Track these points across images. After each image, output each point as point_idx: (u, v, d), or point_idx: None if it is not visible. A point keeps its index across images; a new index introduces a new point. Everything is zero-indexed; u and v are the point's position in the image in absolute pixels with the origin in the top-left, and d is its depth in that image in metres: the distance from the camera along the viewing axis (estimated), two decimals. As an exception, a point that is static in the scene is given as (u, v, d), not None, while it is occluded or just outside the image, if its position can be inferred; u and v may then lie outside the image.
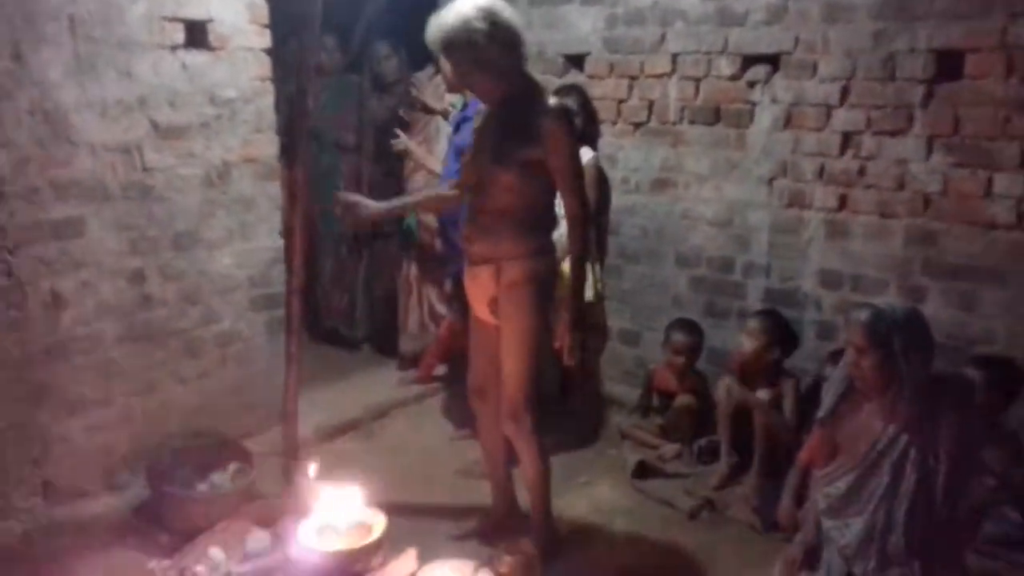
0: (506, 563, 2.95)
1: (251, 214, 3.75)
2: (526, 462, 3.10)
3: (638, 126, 4.36)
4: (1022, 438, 3.15)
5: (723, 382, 3.73)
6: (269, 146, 3.77)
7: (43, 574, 2.90)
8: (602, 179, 4.29)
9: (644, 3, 4.20)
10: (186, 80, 3.40)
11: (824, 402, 2.77)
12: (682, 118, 4.19)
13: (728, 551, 3.28)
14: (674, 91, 4.19)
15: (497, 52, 2.78)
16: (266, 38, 3.64)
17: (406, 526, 3.05)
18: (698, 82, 4.09)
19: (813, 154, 3.78)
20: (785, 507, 3.23)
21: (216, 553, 2.85)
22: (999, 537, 3.00)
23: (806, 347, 3.82)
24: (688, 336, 4.00)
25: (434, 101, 4.45)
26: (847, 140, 3.68)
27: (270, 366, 3.81)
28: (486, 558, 2.94)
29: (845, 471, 2.65)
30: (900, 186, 3.56)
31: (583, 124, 4.24)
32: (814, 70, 3.70)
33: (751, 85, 3.92)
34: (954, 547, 2.59)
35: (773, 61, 3.84)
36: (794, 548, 2.82)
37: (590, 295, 4.26)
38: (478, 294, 3.04)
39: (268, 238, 3.83)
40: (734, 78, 3.96)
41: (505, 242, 2.91)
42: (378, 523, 2.71)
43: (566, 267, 4.19)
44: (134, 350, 3.41)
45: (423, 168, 4.47)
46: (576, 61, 4.52)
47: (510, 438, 3.10)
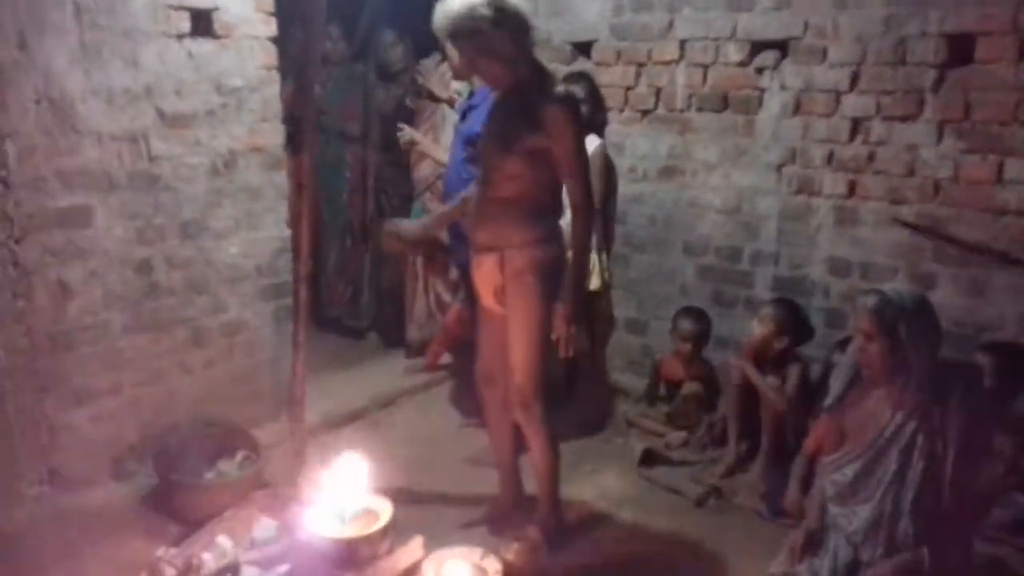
0: (512, 550, 2.95)
1: (258, 203, 3.74)
2: (535, 450, 3.10)
3: (645, 113, 4.33)
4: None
5: (733, 362, 3.73)
6: (275, 135, 3.76)
7: (50, 562, 2.91)
8: (608, 167, 4.28)
9: (651, -11, 4.18)
10: (192, 69, 3.39)
11: (832, 389, 2.76)
12: (690, 105, 4.16)
13: (735, 538, 3.28)
14: (682, 78, 4.16)
15: (503, 39, 2.76)
16: (272, 26, 3.63)
17: (413, 514, 3.05)
18: (706, 68, 4.07)
19: (822, 140, 3.76)
20: (792, 494, 3.23)
21: (223, 541, 2.85)
22: (1007, 523, 2.99)
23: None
24: (695, 324, 3.99)
25: (440, 89, 4.43)
26: (857, 126, 3.65)
27: (277, 355, 3.82)
28: (492, 546, 2.94)
29: (852, 458, 2.64)
30: (910, 172, 3.54)
31: (590, 112, 4.23)
32: (824, 55, 3.67)
33: (760, 71, 3.90)
34: (962, 533, 2.58)
35: (782, 47, 3.81)
36: (797, 534, 2.81)
37: (597, 284, 4.26)
38: (484, 283, 3.03)
39: (275, 227, 3.82)
40: (743, 64, 3.93)
41: (510, 230, 2.90)
42: (385, 510, 2.70)
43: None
44: (141, 339, 3.41)
45: (429, 157, 4.46)
46: (583, 48, 4.50)
47: (520, 426, 3.10)
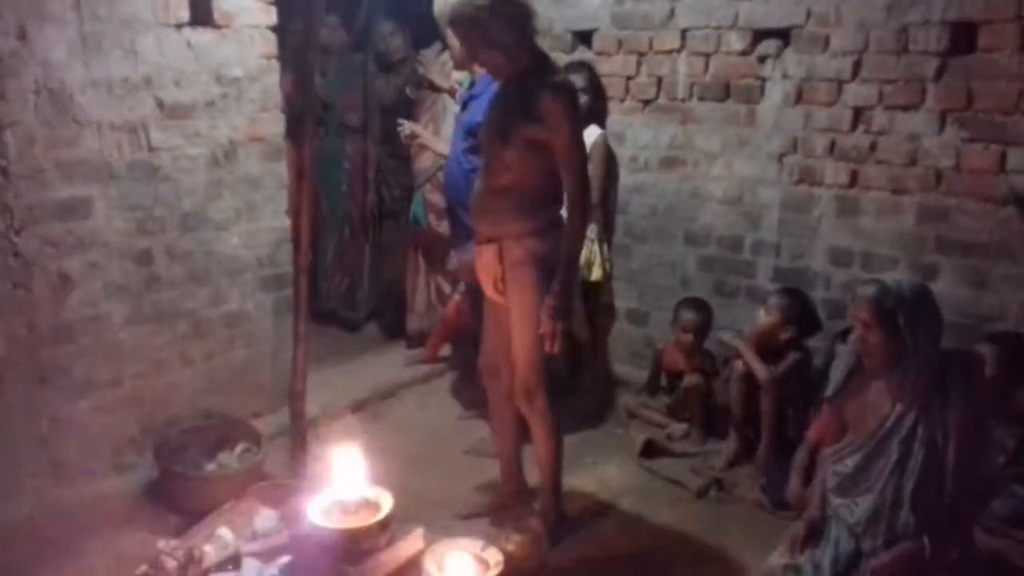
0: (514, 541, 2.94)
1: (258, 194, 3.73)
2: (538, 440, 3.10)
3: (647, 103, 4.31)
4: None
5: (729, 340, 3.74)
6: (275, 125, 3.75)
7: (51, 554, 2.91)
8: (610, 157, 4.27)
9: (653, -22, 4.15)
10: (191, 58, 3.38)
11: (832, 380, 2.75)
12: (691, 94, 4.14)
13: (736, 530, 3.28)
14: (683, 67, 4.14)
15: (502, 27, 2.74)
16: (272, 15, 3.61)
17: (413, 505, 3.04)
18: (708, 58, 4.04)
19: (824, 130, 3.74)
20: (794, 485, 3.22)
21: (224, 533, 2.85)
22: (1007, 514, 2.99)
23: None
24: (697, 314, 3.98)
25: (441, 79, 4.41)
26: (858, 115, 3.63)
27: (277, 346, 3.82)
28: (494, 537, 2.94)
29: (853, 449, 2.63)
30: (912, 162, 3.52)
31: (591, 101, 4.21)
32: (826, 44, 3.65)
33: (761, 60, 3.87)
34: (963, 524, 2.57)
35: (784, 35, 3.78)
36: (798, 525, 2.81)
37: (598, 274, 4.25)
38: (484, 273, 3.02)
39: (275, 218, 3.81)
40: (744, 53, 3.91)
41: (508, 221, 2.89)
42: (385, 502, 2.70)
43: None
44: (141, 331, 3.41)
45: (430, 149, 4.44)
46: (584, 37, 4.47)
47: (524, 416, 3.10)
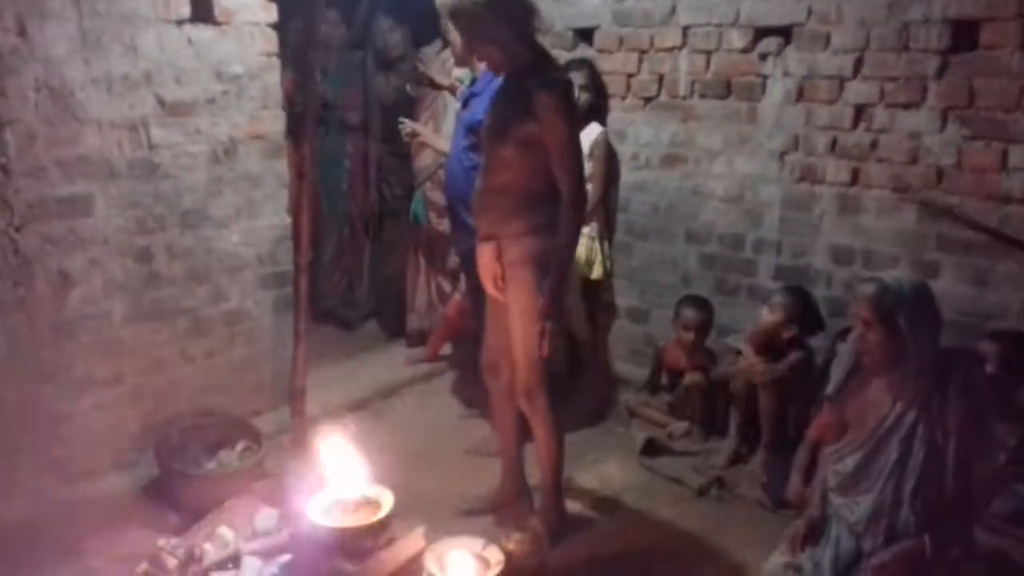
0: (514, 540, 2.94)
1: (258, 191, 3.73)
2: (539, 439, 3.10)
3: (648, 101, 4.31)
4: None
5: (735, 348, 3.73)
6: (276, 123, 3.74)
7: (51, 553, 2.91)
8: (611, 155, 4.26)
9: (654, -25, 4.14)
10: (192, 55, 3.38)
11: (832, 378, 2.75)
12: (692, 92, 4.13)
13: (737, 528, 3.28)
14: (684, 65, 4.13)
15: (499, 22, 2.74)
16: (272, 12, 3.60)
17: (414, 504, 3.04)
18: (709, 55, 4.04)
19: (825, 127, 3.73)
20: (794, 484, 3.21)
21: (225, 531, 2.85)
22: (1009, 513, 2.98)
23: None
24: (698, 312, 3.97)
25: (441, 76, 4.41)
26: (860, 113, 3.62)
27: (277, 344, 3.81)
28: (494, 536, 2.93)
29: (854, 448, 2.62)
30: (913, 160, 3.52)
31: (592, 99, 4.22)
32: (827, 42, 3.65)
33: (763, 58, 3.87)
34: (964, 522, 2.57)
35: (785, 33, 3.78)
36: (799, 523, 2.81)
37: (598, 272, 4.25)
38: (484, 272, 3.02)
39: (275, 216, 3.81)
40: (745, 51, 3.90)
41: (505, 219, 2.89)
42: (386, 500, 2.70)
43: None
44: (142, 329, 3.41)
45: (430, 147, 4.44)
46: (585, 35, 4.46)
47: (525, 415, 3.09)
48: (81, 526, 3.03)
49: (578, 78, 4.15)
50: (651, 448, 3.83)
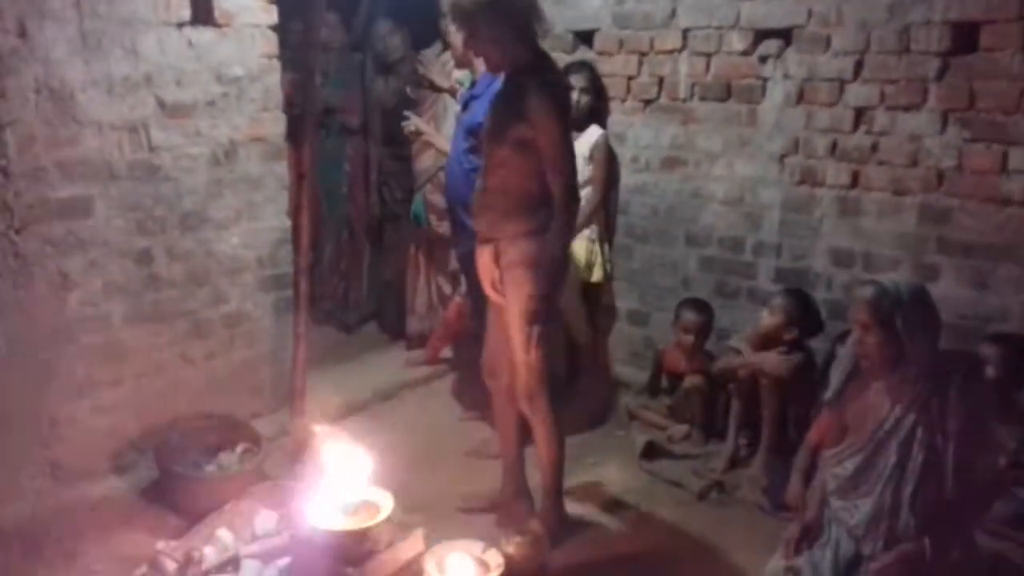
0: (514, 543, 2.94)
1: (258, 194, 3.72)
2: (540, 442, 3.10)
3: (648, 103, 4.30)
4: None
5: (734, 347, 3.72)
6: (276, 125, 3.74)
7: (51, 555, 2.91)
8: (611, 157, 4.27)
9: (654, -22, 4.14)
10: (192, 57, 3.38)
11: (831, 382, 2.74)
12: (692, 95, 4.13)
13: (737, 532, 3.27)
14: (684, 67, 4.13)
15: (499, 22, 2.74)
16: (273, 14, 3.60)
17: (414, 506, 3.04)
18: (709, 58, 4.03)
19: (825, 130, 3.73)
20: (794, 488, 3.19)
21: (224, 534, 2.85)
22: (1009, 516, 2.97)
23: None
24: (698, 315, 3.97)
25: (441, 79, 4.41)
26: (860, 115, 3.62)
27: (277, 347, 3.82)
28: (494, 539, 2.93)
29: (853, 451, 2.62)
30: (914, 162, 3.51)
31: (592, 101, 4.22)
32: (827, 44, 3.64)
33: (763, 60, 3.86)
34: (964, 526, 2.56)
35: (785, 35, 3.77)
36: (794, 527, 2.81)
37: (598, 275, 4.26)
38: (483, 274, 3.03)
39: (275, 218, 3.81)
40: (745, 53, 3.90)
41: (503, 221, 2.89)
42: (386, 503, 2.70)
43: (576, 247, 4.19)
44: (142, 331, 3.40)
45: (432, 148, 4.44)
46: (585, 37, 4.46)
47: (526, 418, 3.09)
48: (80, 528, 3.03)
49: (578, 81, 4.16)
50: (651, 451, 3.82)
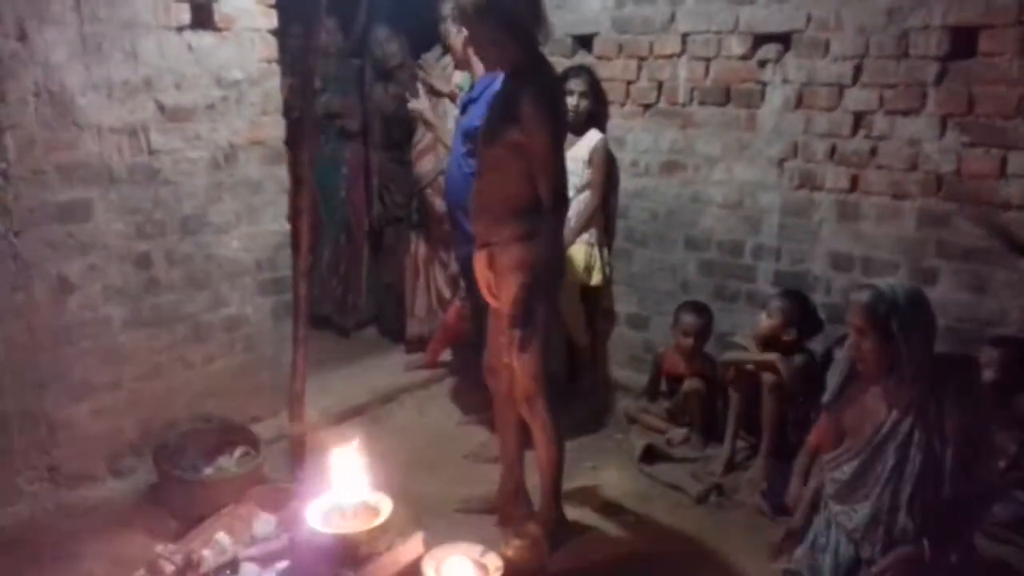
0: (513, 546, 2.93)
1: (258, 197, 3.73)
2: (539, 445, 3.10)
3: (647, 108, 4.31)
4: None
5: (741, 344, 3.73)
6: (276, 129, 3.74)
7: (49, 559, 2.90)
8: (610, 161, 4.27)
9: (653, -18, 4.15)
10: (192, 61, 3.38)
11: (828, 386, 2.74)
12: (692, 99, 4.13)
13: (736, 535, 3.27)
14: (684, 72, 4.13)
15: (499, 21, 2.75)
16: (272, 19, 3.61)
17: (413, 510, 3.04)
18: (708, 62, 4.04)
19: (824, 135, 3.73)
20: (794, 490, 3.21)
21: (223, 537, 2.84)
22: (1009, 520, 2.98)
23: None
24: (698, 318, 3.97)
25: (442, 83, 4.41)
26: (859, 120, 3.62)
27: (277, 351, 3.81)
28: (493, 542, 2.93)
29: (851, 455, 2.62)
30: (913, 166, 3.51)
31: (591, 106, 4.23)
32: (826, 49, 3.65)
33: (762, 65, 3.86)
34: (963, 529, 2.56)
35: (784, 40, 3.77)
36: (783, 529, 2.81)
37: (598, 279, 4.26)
38: (480, 278, 3.03)
39: (275, 222, 3.81)
40: (745, 58, 3.90)
41: (497, 225, 2.89)
42: (385, 507, 2.70)
43: (575, 250, 4.20)
44: (141, 334, 3.40)
45: (432, 152, 4.44)
46: (585, 42, 4.47)
47: (526, 420, 3.09)
48: (79, 531, 3.03)
49: (577, 85, 4.17)
50: (650, 455, 3.82)
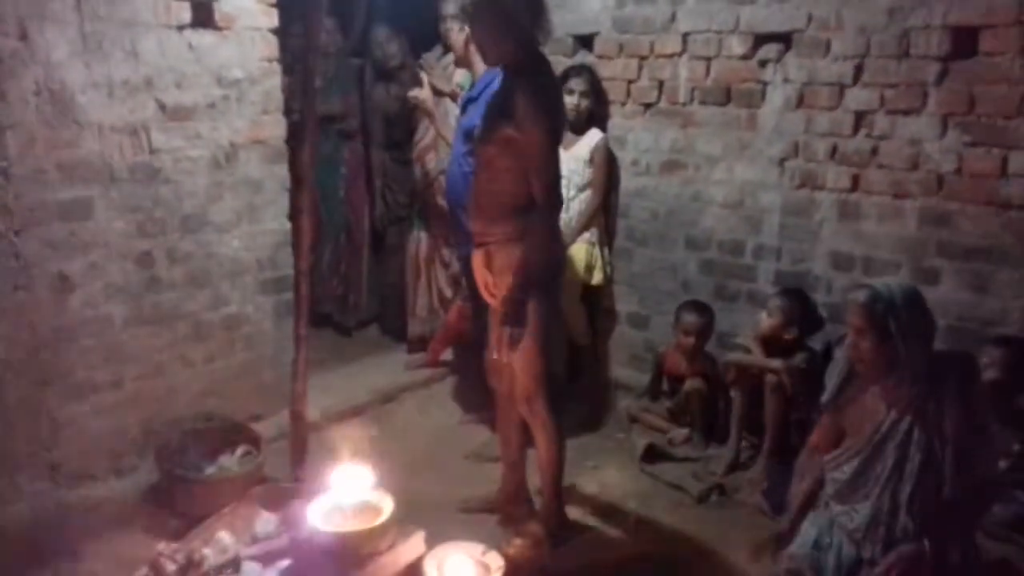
0: (514, 545, 2.94)
1: (259, 196, 3.73)
2: (540, 445, 3.10)
3: (648, 107, 4.31)
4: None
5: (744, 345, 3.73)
6: (277, 128, 3.74)
7: (51, 557, 2.90)
8: (611, 161, 4.27)
9: (654, -18, 4.15)
10: (193, 60, 3.38)
11: (827, 386, 2.74)
12: (692, 99, 4.13)
13: (737, 535, 3.27)
14: (684, 71, 4.13)
15: (498, 19, 2.75)
16: (273, 18, 3.61)
17: (414, 509, 3.04)
18: (709, 62, 4.04)
19: (825, 134, 3.73)
20: (795, 491, 3.20)
21: (224, 536, 2.84)
22: (1010, 519, 2.97)
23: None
24: (699, 317, 3.97)
25: (443, 83, 4.41)
26: (860, 119, 3.62)
27: (278, 349, 3.82)
28: (495, 541, 2.93)
29: (850, 455, 2.61)
30: (914, 166, 3.51)
31: (592, 105, 4.23)
32: (827, 48, 3.65)
33: (763, 64, 3.86)
34: (964, 528, 2.56)
35: (785, 39, 3.77)
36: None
37: (598, 278, 4.26)
38: (478, 277, 3.04)
39: (275, 221, 3.81)
40: (745, 57, 3.90)
41: (494, 223, 2.89)
42: (386, 506, 2.70)
43: (576, 250, 4.20)
44: (142, 333, 3.40)
45: (433, 151, 4.44)
46: (585, 41, 4.47)
47: (527, 420, 3.09)
48: (81, 530, 3.03)
49: (578, 84, 4.17)
50: (651, 454, 3.82)
